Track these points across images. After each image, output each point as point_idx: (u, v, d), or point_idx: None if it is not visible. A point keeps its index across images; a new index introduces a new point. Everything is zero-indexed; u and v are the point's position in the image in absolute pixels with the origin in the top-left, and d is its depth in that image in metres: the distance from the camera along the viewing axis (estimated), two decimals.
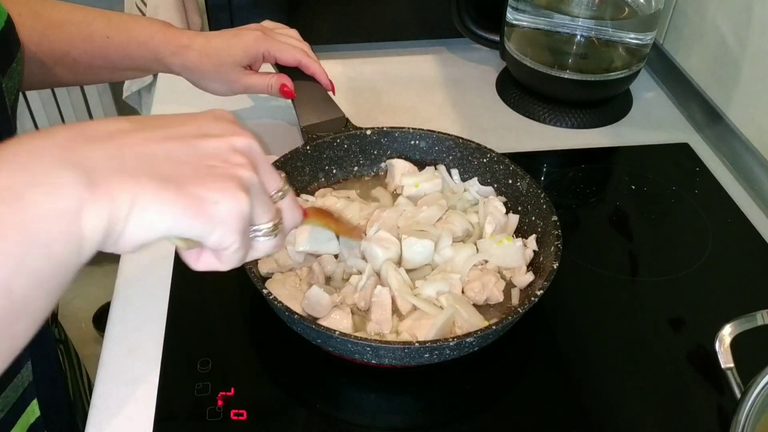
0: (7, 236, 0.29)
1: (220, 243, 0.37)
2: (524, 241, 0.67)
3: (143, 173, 0.34)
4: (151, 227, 0.34)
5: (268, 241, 0.41)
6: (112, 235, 0.33)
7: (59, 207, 0.31)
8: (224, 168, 0.37)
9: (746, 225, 0.77)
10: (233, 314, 0.66)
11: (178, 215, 0.34)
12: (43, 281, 0.31)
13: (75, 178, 0.31)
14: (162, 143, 0.36)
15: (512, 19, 0.92)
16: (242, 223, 0.37)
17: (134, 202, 0.33)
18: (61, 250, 0.31)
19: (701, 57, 0.92)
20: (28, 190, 0.30)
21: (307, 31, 0.82)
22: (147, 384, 0.58)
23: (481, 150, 0.73)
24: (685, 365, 0.62)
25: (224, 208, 0.36)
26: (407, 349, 0.54)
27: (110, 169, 0.33)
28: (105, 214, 0.32)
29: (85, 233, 0.32)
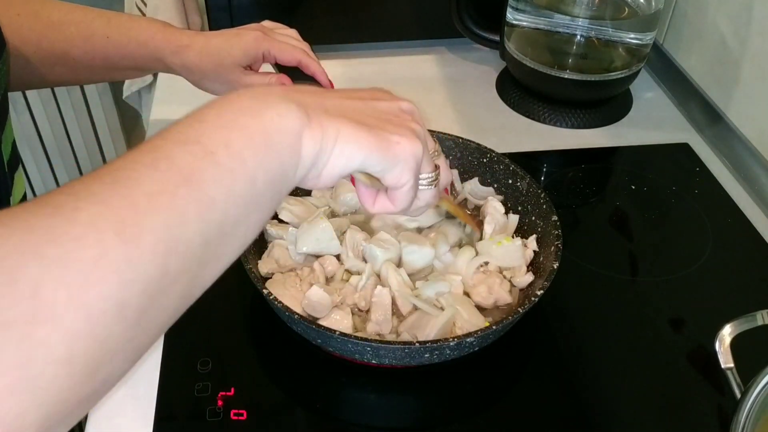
0: (255, 139, 0.37)
1: (399, 179, 0.44)
2: (524, 241, 0.67)
3: (342, 115, 0.41)
4: (350, 158, 0.41)
5: (429, 190, 0.47)
6: (318, 163, 0.40)
7: (289, 125, 0.38)
8: (398, 121, 0.45)
9: (746, 225, 0.77)
10: (233, 314, 0.66)
11: (372, 149, 0.41)
12: (274, 182, 0.38)
13: (297, 110, 0.39)
14: (348, 100, 0.44)
15: (512, 19, 0.92)
16: (416, 163, 0.44)
17: (338, 135, 0.40)
18: (287, 160, 0.38)
19: (701, 57, 0.92)
20: (265, 110, 0.38)
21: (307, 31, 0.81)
22: (147, 384, 0.58)
23: (481, 150, 0.73)
24: (685, 365, 0.62)
25: (404, 148, 0.43)
26: (407, 349, 0.54)
27: (319, 109, 0.41)
28: (318, 140, 0.39)
29: (302, 152, 0.39)
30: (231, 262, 0.38)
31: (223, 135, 0.36)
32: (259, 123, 0.38)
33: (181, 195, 0.33)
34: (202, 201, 0.34)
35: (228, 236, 0.36)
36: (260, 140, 0.37)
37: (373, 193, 0.47)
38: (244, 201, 0.36)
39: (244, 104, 0.38)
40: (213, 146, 0.35)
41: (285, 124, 0.38)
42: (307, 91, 0.43)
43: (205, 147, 0.35)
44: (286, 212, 0.68)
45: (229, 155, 0.36)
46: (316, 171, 0.41)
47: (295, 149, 0.39)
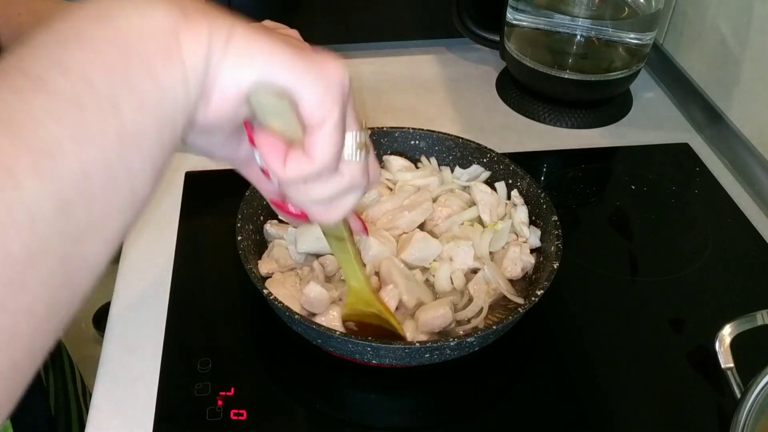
0: (103, 49, 0.28)
1: (321, 103, 0.32)
2: (510, 202, 0.70)
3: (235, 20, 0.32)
4: (248, 62, 0.31)
5: (358, 158, 0.36)
6: (210, 68, 0.30)
7: (154, 25, 0.29)
8: None
9: (746, 225, 0.77)
10: (233, 314, 0.66)
11: (277, 50, 0.31)
12: (151, 107, 0.29)
13: (168, 6, 0.30)
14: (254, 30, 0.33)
15: (512, 19, 0.92)
16: (342, 90, 0.33)
17: (231, 31, 0.31)
18: (162, 70, 0.29)
19: (701, 57, 0.92)
20: (121, 11, 0.29)
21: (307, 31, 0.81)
22: (147, 384, 0.58)
23: (481, 150, 0.73)
24: (685, 365, 0.62)
25: (328, 64, 0.33)
26: (408, 350, 0.54)
27: (204, 8, 0.31)
28: (203, 38, 0.30)
29: (184, 58, 0.29)
30: (122, 224, 0.29)
31: (57, 54, 0.27)
32: (110, 27, 0.28)
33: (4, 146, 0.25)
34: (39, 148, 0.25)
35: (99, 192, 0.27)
36: (113, 51, 0.28)
37: (283, 147, 0.34)
38: (110, 140, 0.27)
39: (91, 7, 0.29)
40: (43, 71, 0.26)
41: (148, 22, 0.29)
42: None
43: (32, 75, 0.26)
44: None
45: (67, 79, 0.26)
46: (206, 90, 0.31)
47: (171, 52, 0.29)
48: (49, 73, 0.26)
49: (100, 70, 0.27)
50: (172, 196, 0.77)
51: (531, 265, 0.65)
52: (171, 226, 0.73)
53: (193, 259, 0.70)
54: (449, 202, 0.70)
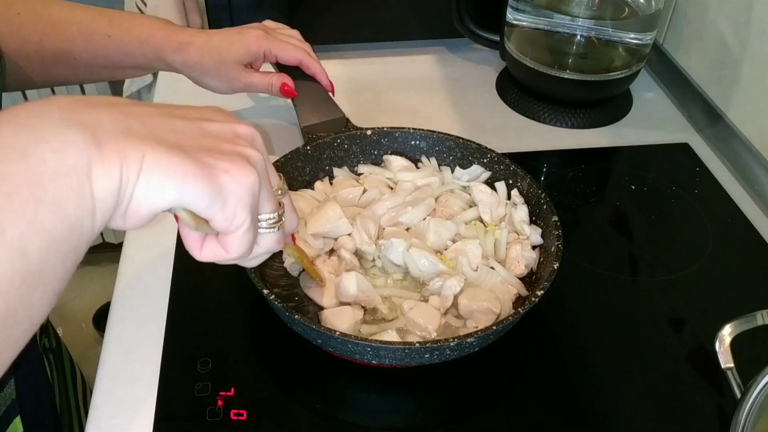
0: (18, 194, 0.28)
1: (233, 218, 0.35)
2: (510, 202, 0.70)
3: (149, 137, 0.32)
4: (161, 191, 0.32)
5: (271, 233, 0.40)
6: (122, 200, 0.32)
7: (68, 164, 0.29)
8: (231, 146, 0.36)
9: (746, 225, 0.77)
10: (233, 314, 0.66)
11: (188, 179, 0.33)
12: (58, 244, 0.29)
13: (82, 136, 0.30)
14: (166, 118, 0.35)
15: (512, 19, 0.92)
16: (251, 198, 0.36)
17: (143, 161, 0.31)
18: (74, 210, 0.30)
19: (701, 57, 0.92)
20: (35, 147, 0.29)
21: (307, 31, 0.82)
22: (147, 384, 0.58)
23: (481, 150, 0.73)
24: (685, 365, 0.62)
25: (234, 178, 0.34)
26: (407, 350, 0.54)
27: (116, 131, 0.31)
28: (115, 174, 0.31)
29: (96, 193, 0.30)
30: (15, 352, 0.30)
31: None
32: (24, 169, 0.28)
33: None
34: None
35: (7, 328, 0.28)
36: (27, 195, 0.28)
37: (200, 235, 0.38)
38: (15, 284, 0.28)
39: (6, 141, 0.29)
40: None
41: (63, 161, 0.29)
42: (105, 103, 0.33)
43: None
44: None
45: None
46: (120, 211, 0.32)
47: (82, 192, 0.30)
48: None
49: (13, 216, 0.27)
50: None
51: (534, 260, 0.65)
52: (171, 226, 0.73)
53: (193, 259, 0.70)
54: (449, 203, 0.71)
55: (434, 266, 0.64)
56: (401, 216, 0.68)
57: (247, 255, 0.39)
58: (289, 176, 0.72)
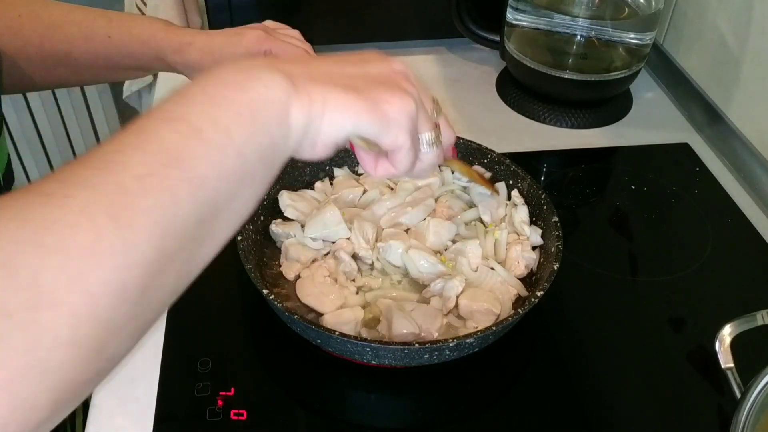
0: (242, 113, 0.37)
1: (395, 141, 0.43)
2: (509, 203, 0.70)
3: (329, 82, 0.41)
4: (340, 124, 0.40)
5: (431, 150, 0.46)
6: (310, 132, 0.40)
7: (274, 96, 0.38)
8: (390, 82, 0.44)
9: (746, 225, 0.77)
10: (233, 314, 0.66)
11: (360, 113, 0.41)
12: (264, 155, 0.38)
13: (283, 79, 0.39)
14: (336, 65, 0.44)
15: (512, 19, 0.92)
16: (410, 122, 0.43)
17: (326, 101, 0.40)
18: (276, 131, 0.38)
19: (701, 57, 0.92)
20: (250, 83, 0.38)
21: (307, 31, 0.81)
22: (147, 384, 0.58)
23: (481, 150, 0.73)
24: (685, 365, 0.62)
25: (396, 108, 0.42)
26: (407, 350, 0.54)
27: (305, 77, 0.40)
28: (305, 109, 0.39)
29: (291, 123, 0.39)
30: (228, 238, 0.38)
31: (210, 111, 0.36)
32: (245, 96, 0.38)
33: (171, 175, 0.33)
34: (193, 180, 0.34)
35: (222, 212, 0.36)
36: (247, 114, 0.37)
37: (374, 157, 0.47)
38: (236, 177, 0.36)
39: (229, 78, 0.38)
40: (200, 123, 0.35)
41: (271, 95, 0.38)
42: (294, 60, 0.43)
43: (191, 124, 0.35)
44: (291, 209, 0.68)
45: (217, 131, 0.35)
46: (310, 140, 0.41)
47: (283, 120, 0.39)
48: (204, 125, 0.35)
49: (238, 128, 0.36)
50: None
51: (534, 261, 0.65)
52: None
53: None
54: (450, 203, 0.71)
55: (434, 267, 0.64)
56: (401, 216, 0.68)
57: (412, 170, 0.46)
58: (290, 176, 0.72)
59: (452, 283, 0.61)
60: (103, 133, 1.67)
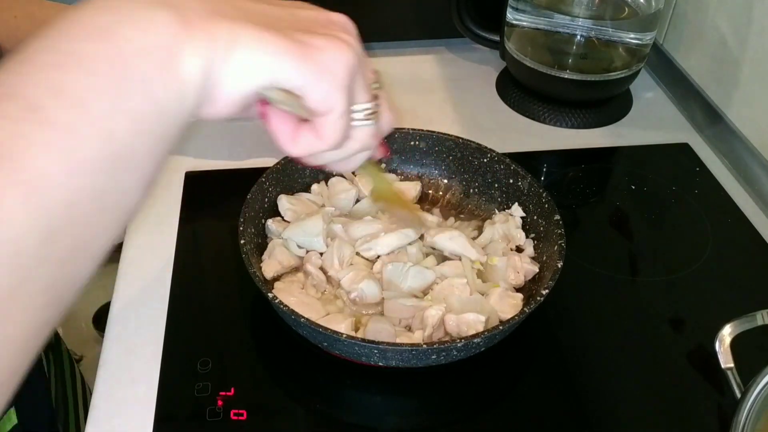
0: (102, 72, 0.27)
1: (326, 98, 0.33)
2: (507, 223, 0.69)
3: (240, 18, 0.31)
4: (254, 67, 0.31)
5: (366, 126, 0.37)
6: (211, 80, 0.30)
7: (153, 42, 0.28)
8: (325, 30, 0.34)
9: (746, 225, 0.77)
10: (233, 314, 0.66)
11: (281, 55, 0.31)
12: (146, 127, 0.28)
13: (168, 16, 0.29)
14: (257, 3, 0.33)
15: (512, 19, 0.92)
16: (350, 77, 0.34)
17: (233, 39, 0.30)
18: (160, 90, 0.29)
19: (701, 57, 0.92)
20: (120, 27, 0.28)
21: None
22: (147, 384, 0.58)
23: (481, 150, 0.73)
24: (685, 365, 0.62)
25: (331, 55, 0.33)
26: (415, 351, 0.54)
27: (204, 11, 0.30)
28: (202, 51, 0.29)
29: (183, 74, 0.29)
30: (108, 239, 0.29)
31: (56, 76, 0.27)
32: (109, 48, 0.28)
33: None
34: (29, 182, 0.25)
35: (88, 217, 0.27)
36: (111, 74, 0.27)
37: (293, 125, 0.36)
38: (104, 165, 0.27)
39: (90, 23, 0.28)
40: (39, 97, 0.26)
41: (148, 40, 0.28)
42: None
43: (27, 102, 0.26)
44: (291, 212, 0.68)
45: (63, 106, 0.26)
46: (209, 94, 0.31)
47: (169, 72, 0.29)
48: (46, 100, 0.26)
49: (97, 94, 0.27)
50: (172, 196, 0.77)
51: (533, 272, 0.65)
52: (171, 226, 0.73)
53: (193, 259, 0.70)
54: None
55: (414, 306, 0.61)
56: (374, 244, 0.65)
57: (341, 145, 0.36)
58: (289, 179, 0.72)
59: (430, 312, 0.59)
60: None
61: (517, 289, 0.64)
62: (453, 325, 0.59)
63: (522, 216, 0.69)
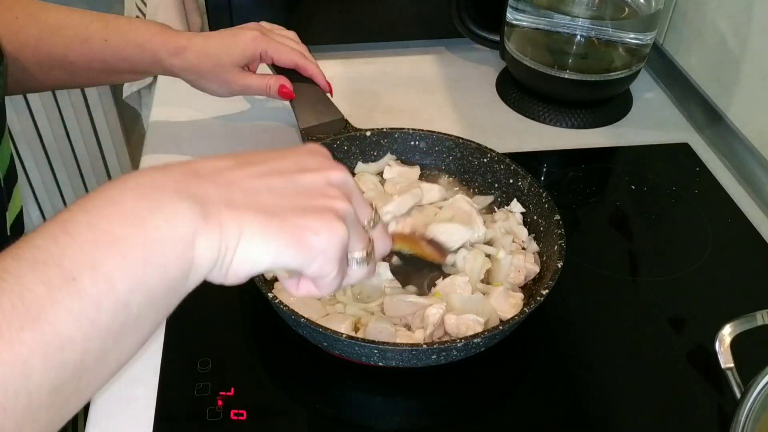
0: (131, 256, 0.32)
1: (320, 271, 0.38)
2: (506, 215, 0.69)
3: (248, 207, 0.36)
4: (257, 259, 0.36)
5: (361, 268, 0.42)
6: (221, 265, 0.35)
7: (177, 233, 0.33)
8: (322, 201, 0.39)
9: (746, 225, 0.77)
10: (233, 314, 0.66)
11: (281, 246, 0.36)
12: (156, 301, 0.33)
13: (191, 208, 0.34)
14: (264, 178, 0.38)
15: (512, 19, 0.92)
16: (341, 251, 0.38)
17: (241, 233, 0.35)
18: (175, 273, 0.33)
19: (701, 57, 0.92)
20: (151, 215, 0.33)
21: (306, 31, 0.82)
22: (147, 384, 0.58)
23: (481, 150, 0.73)
24: (685, 365, 0.62)
25: (324, 239, 0.37)
26: (414, 351, 0.54)
27: (220, 203, 0.35)
28: (215, 244, 0.34)
29: (196, 260, 0.34)
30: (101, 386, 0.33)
31: (91, 254, 0.31)
32: (140, 234, 0.32)
33: (25, 340, 0.28)
34: (53, 344, 0.29)
35: (90, 371, 0.31)
36: (138, 257, 0.32)
37: (296, 278, 0.42)
38: (114, 331, 0.31)
39: (125, 207, 0.33)
40: (76, 270, 0.30)
41: (173, 232, 0.33)
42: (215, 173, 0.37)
43: (65, 271, 0.30)
44: None
45: (95, 281, 0.30)
46: (220, 272, 0.36)
47: (185, 258, 0.33)
48: (82, 273, 0.30)
49: (123, 274, 0.31)
50: None
51: (534, 273, 0.65)
52: None
53: None
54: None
55: (414, 304, 0.61)
56: (386, 206, 0.67)
57: (338, 289, 0.42)
58: None
59: (430, 311, 0.59)
60: (103, 133, 1.67)
61: (518, 289, 0.64)
62: (453, 325, 0.59)
63: (522, 211, 0.69)
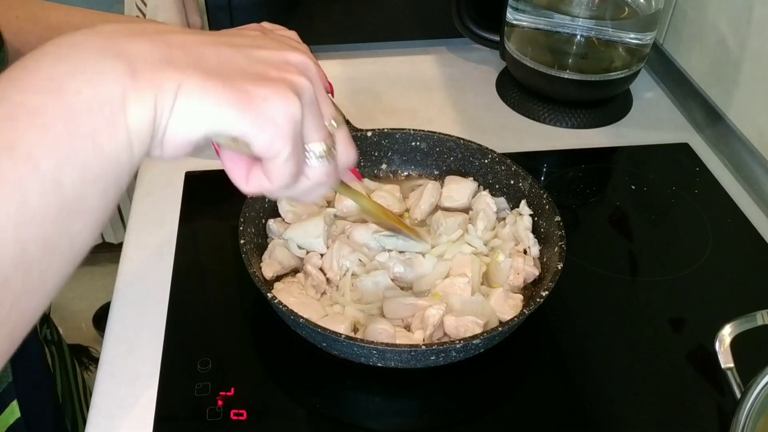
0: (51, 126, 0.28)
1: (270, 145, 0.34)
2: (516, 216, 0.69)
3: (189, 65, 0.32)
4: (197, 117, 0.32)
5: (320, 165, 0.38)
6: (158, 129, 0.32)
7: (101, 95, 0.30)
8: (275, 72, 0.35)
9: (746, 225, 0.77)
10: (233, 314, 0.66)
11: (224, 106, 0.32)
12: (93, 176, 0.30)
13: (116, 67, 0.30)
14: (212, 46, 0.34)
15: (512, 19, 0.92)
16: (293, 126, 0.34)
17: (179, 90, 0.31)
18: (107, 141, 0.30)
19: (701, 57, 0.92)
20: (69, 79, 0.29)
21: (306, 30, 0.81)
22: (147, 384, 0.58)
23: (482, 151, 0.73)
24: (685, 365, 0.62)
25: (274, 106, 0.34)
26: (414, 352, 0.54)
27: (154, 60, 0.31)
28: (149, 102, 0.31)
29: (131, 125, 0.31)
30: (63, 278, 0.31)
31: (6, 132, 0.28)
32: (58, 101, 0.29)
33: None
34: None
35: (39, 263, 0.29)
36: (60, 127, 0.28)
37: (245, 163, 0.38)
38: (52, 215, 0.28)
39: (41, 74, 0.29)
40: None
41: (97, 93, 0.29)
42: (153, 31, 0.33)
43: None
44: (291, 214, 0.68)
45: (14, 162, 0.27)
46: (157, 140, 0.32)
47: (116, 123, 0.30)
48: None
49: (47, 149, 0.28)
50: (172, 196, 0.77)
51: (534, 276, 0.65)
52: (171, 226, 0.73)
53: (193, 259, 0.70)
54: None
55: (414, 305, 0.61)
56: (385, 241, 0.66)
57: (292, 185, 0.37)
58: None
59: (430, 311, 0.59)
60: None
61: (517, 290, 0.64)
62: (452, 326, 0.59)
63: (530, 214, 0.69)
